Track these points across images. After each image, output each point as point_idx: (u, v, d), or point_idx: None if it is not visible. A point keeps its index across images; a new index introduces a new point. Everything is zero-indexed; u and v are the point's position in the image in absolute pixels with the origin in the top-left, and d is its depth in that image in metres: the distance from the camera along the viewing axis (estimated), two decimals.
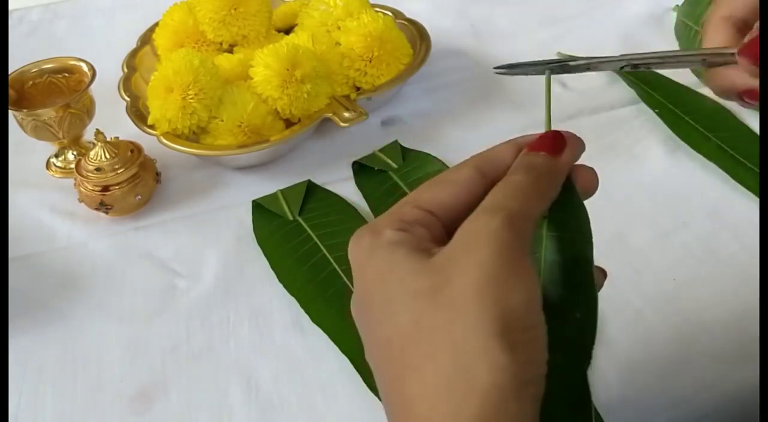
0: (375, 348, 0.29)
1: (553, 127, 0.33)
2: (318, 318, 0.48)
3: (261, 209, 0.57)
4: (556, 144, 0.31)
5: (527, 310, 0.27)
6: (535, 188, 0.30)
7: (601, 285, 0.34)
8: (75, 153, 0.64)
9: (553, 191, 0.31)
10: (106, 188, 0.56)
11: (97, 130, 0.56)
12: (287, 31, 0.72)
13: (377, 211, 0.56)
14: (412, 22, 0.72)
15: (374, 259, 0.29)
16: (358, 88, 0.65)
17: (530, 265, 0.27)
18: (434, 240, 0.29)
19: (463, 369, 0.25)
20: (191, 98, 0.57)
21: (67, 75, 0.64)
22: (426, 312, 0.27)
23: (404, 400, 0.27)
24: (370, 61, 0.64)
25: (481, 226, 0.28)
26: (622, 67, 0.39)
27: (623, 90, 0.67)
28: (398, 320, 0.27)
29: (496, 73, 0.38)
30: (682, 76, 0.66)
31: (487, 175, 0.31)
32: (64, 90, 0.64)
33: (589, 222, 0.31)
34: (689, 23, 0.70)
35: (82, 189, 0.56)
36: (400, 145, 0.62)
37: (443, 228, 0.30)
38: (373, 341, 0.29)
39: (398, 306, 0.28)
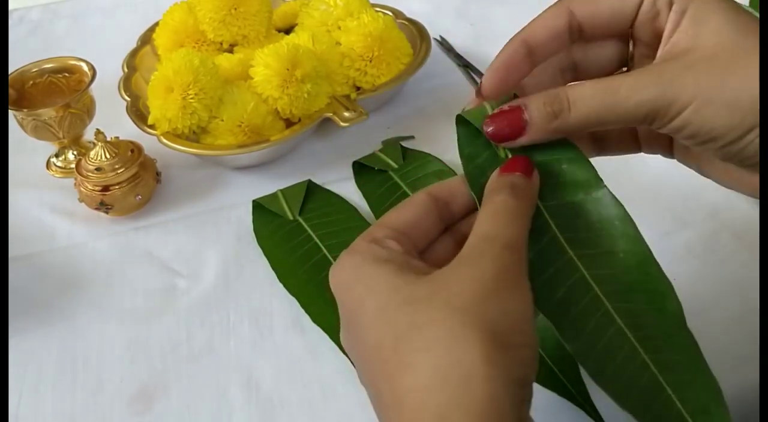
0: (366, 360, 0.30)
1: None
2: (318, 318, 0.48)
3: (261, 209, 0.57)
4: (527, 165, 0.33)
5: (520, 320, 0.28)
6: (521, 209, 0.31)
7: None
8: (75, 153, 0.64)
9: (532, 209, 0.33)
10: (106, 188, 0.56)
11: (97, 129, 0.56)
12: (287, 30, 0.72)
13: (377, 210, 0.56)
14: (413, 22, 0.72)
15: (361, 275, 0.30)
16: (358, 88, 0.65)
17: (526, 285, 0.29)
18: (407, 253, 0.31)
19: (457, 361, 0.26)
20: (191, 98, 0.57)
21: (67, 75, 0.64)
22: (421, 312, 0.28)
23: (396, 395, 0.27)
24: (371, 61, 0.64)
25: (481, 250, 0.30)
26: None
27: None
28: (392, 324, 0.28)
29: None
30: None
31: (439, 197, 0.34)
32: (65, 90, 0.64)
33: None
34: None
35: (82, 189, 0.56)
36: (401, 145, 0.62)
37: (410, 243, 0.32)
38: (363, 352, 0.30)
39: (391, 312, 0.28)
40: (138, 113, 0.62)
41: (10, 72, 0.62)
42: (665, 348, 0.31)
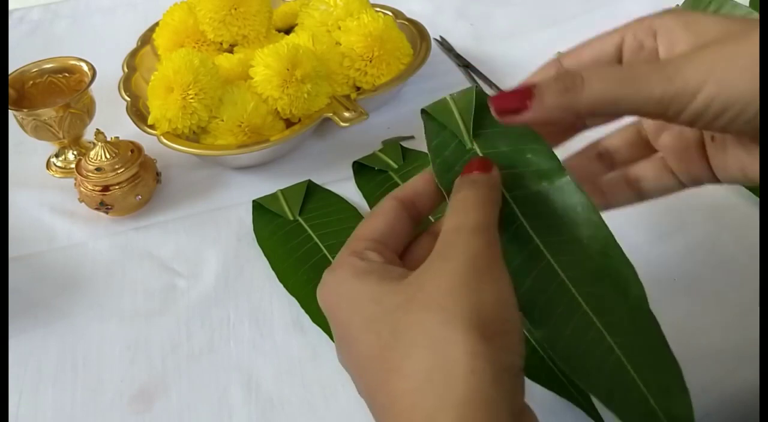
0: (359, 371, 0.30)
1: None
2: (318, 318, 0.48)
3: (261, 209, 0.57)
4: (484, 164, 0.34)
5: (500, 306, 0.28)
6: (483, 197, 0.32)
7: None
8: (75, 153, 0.64)
9: (498, 198, 0.33)
10: (106, 188, 0.56)
11: (97, 129, 0.56)
12: (287, 30, 0.72)
13: None
14: (413, 22, 0.72)
15: (345, 292, 0.31)
16: (358, 88, 0.65)
17: (502, 268, 0.30)
18: (387, 261, 0.32)
19: (441, 360, 0.26)
20: (191, 98, 0.57)
21: (67, 75, 0.64)
22: (402, 319, 0.28)
23: (389, 400, 0.28)
24: (371, 61, 0.64)
25: (450, 240, 0.30)
26: None
27: None
28: (379, 334, 0.29)
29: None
30: None
31: (405, 199, 0.35)
32: (65, 90, 0.64)
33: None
34: None
35: (82, 189, 0.56)
36: (401, 145, 0.62)
37: (389, 251, 0.33)
38: (357, 365, 0.30)
39: (377, 324, 0.29)
40: (138, 113, 0.62)
41: (10, 72, 0.62)
42: (630, 332, 0.32)
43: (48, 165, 0.65)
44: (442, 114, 0.36)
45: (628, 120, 0.38)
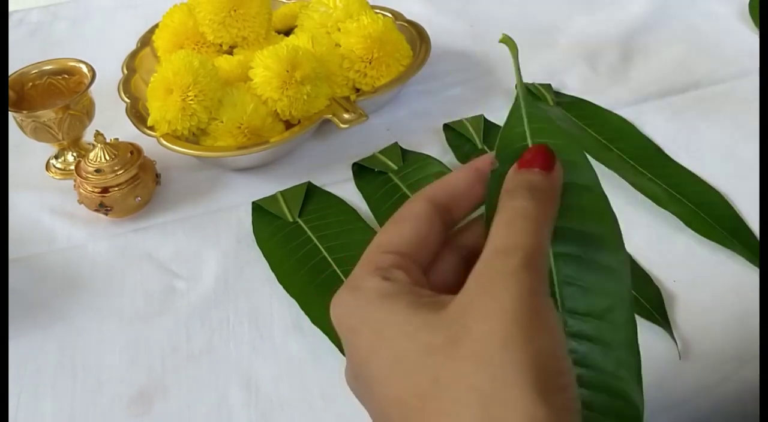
0: (384, 415, 0.26)
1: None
2: (318, 320, 0.48)
3: (261, 211, 0.57)
4: (548, 158, 0.29)
5: (556, 355, 0.24)
6: (543, 214, 0.28)
7: None
8: (75, 154, 0.64)
9: (557, 209, 0.29)
10: (105, 190, 0.56)
11: (96, 131, 0.56)
12: (287, 32, 0.72)
13: (377, 212, 0.56)
14: (412, 24, 0.72)
15: (368, 318, 0.27)
16: (357, 90, 0.65)
17: (552, 307, 0.26)
18: (415, 282, 0.28)
19: None
20: (191, 99, 0.57)
21: (66, 76, 0.64)
22: (444, 365, 0.24)
23: None
24: (370, 63, 0.64)
25: (497, 270, 0.26)
26: None
27: None
28: (412, 379, 0.25)
29: None
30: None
31: (440, 204, 0.30)
32: (64, 91, 0.64)
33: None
34: None
35: (81, 190, 0.56)
36: (400, 147, 0.62)
37: (416, 267, 0.29)
38: (380, 406, 0.26)
39: (409, 365, 0.25)
40: (137, 115, 0.62)
41: (9, 73, 0.62)
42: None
43: (47, 166, 0.65)
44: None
45: None
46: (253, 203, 0.58)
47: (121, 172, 0.55)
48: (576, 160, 0.31)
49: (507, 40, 0.32)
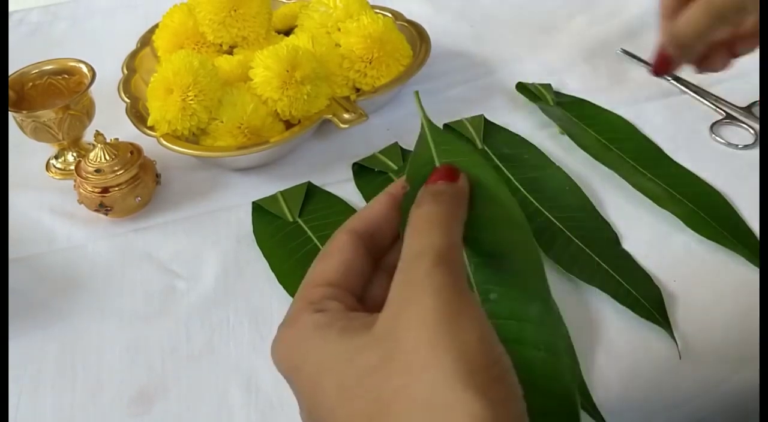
0: None
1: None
2: None
3: (261, 210, 0.57)
4: (451, 172, 0.31)
5: (485, 346, 0.25)
6: (448, 213, 0.29)
7: None
8: (75, 154, 0.64)
9: (464, 212, 0.30)
10: (105, 190, 0.56)
11: (96, 131, 0.56)
12: (287, 32, 0.72)
13: None
14: (412, 24, 0.72)
15: (307, 353, 0.27)
16: (357, 90, 0.65)
17: (472, 299, 0.26)
18: (349, 308, 0.29)
19: None
20: (191, 99, 0.57)
21: (66, 76, 0.64)
22: (384, 384, 0.24)
23: None
24: (370, 63, 0.64)
25: (413, 274, 0.26)
26: None
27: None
28: (357, 404, 0.25)
29: None
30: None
31: (362, 232, 0.31)
32: (64, 91, 0.64)
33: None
34: None
35: (81, 190, 0.56)
36: (400, 147, 0.62)
37: (349, 295, 0.30)
38: None
39: (352, 390, 0.25)
40: (137, 115, 0.62)
41: (10, 73, 0.62)
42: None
43: (47, 166, 0.65)
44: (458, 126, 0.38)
45: None
46: (253, 203, 0.58)
47: (121, 172, 0.55)
48: (481, 173, 0.33)
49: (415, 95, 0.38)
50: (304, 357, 0.27)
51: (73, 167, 0.60)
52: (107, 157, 0.56)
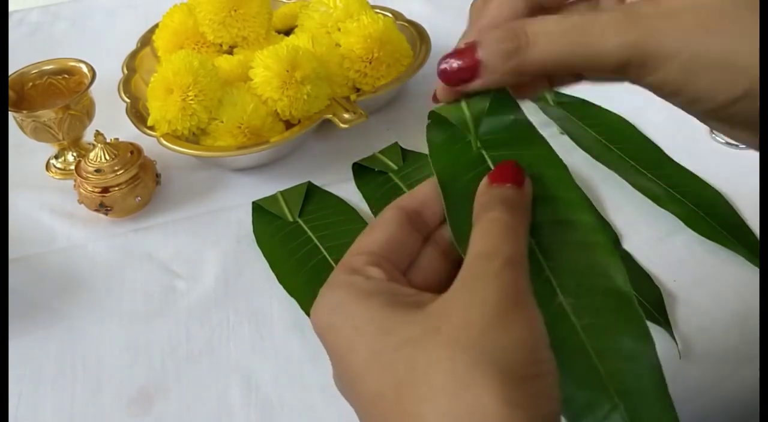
0: (366, 411, 0.27)
1: None
2: None
3: (261, 210, 0.57)
4: (518, 174, 0.30)
5: (534, 346, 0.25)
6: (517, 223, 0.28)
7: None
8: (75, 154, 0.64)
9: (528, 224, 0.30)
10: (105, 189, 0.56)
11: (96, 131, 0.56)
12: (287, 32, 0.72)
13: (377, 212, 0.56)
14: (413, 24, 0.72)
15: (347, 315, 0.27)
16: (358, 90, 0.65)
17: (534, 304, 0.26)
18: (390, 278, 0.29)
19: (469, 407, 0.23)
20: (191, 99, 0.57)
21: (67, 76, 0.64)
22: (422, 354, 0.25)
23: None
24: (370, 63, 0.64)
25: (480, 270, 0.27)
26: None
27: None
28: (390, 372, 0.25)
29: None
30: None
31: (409, 209, 0.31)
32: (64, 91, 0.64)
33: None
34: None
35: (81, 190, 0.56)
36: (400, 147, 0.62)
37: (390, 265, 0.30)
38: (361, 402, 0.27)
39: (387, 358, 0.25)
40: (138, 115, 0.62)
41: (10, 73, 0.62)
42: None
43: (47, 166, 0.65)
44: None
45: None
46: (253, 203, 0.58)
47: (121, 171, 0.56)
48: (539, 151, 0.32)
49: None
50: (344, 320, 0.27)
51: (73, 167, 0.60)
52: (107, 157, 0.56)
